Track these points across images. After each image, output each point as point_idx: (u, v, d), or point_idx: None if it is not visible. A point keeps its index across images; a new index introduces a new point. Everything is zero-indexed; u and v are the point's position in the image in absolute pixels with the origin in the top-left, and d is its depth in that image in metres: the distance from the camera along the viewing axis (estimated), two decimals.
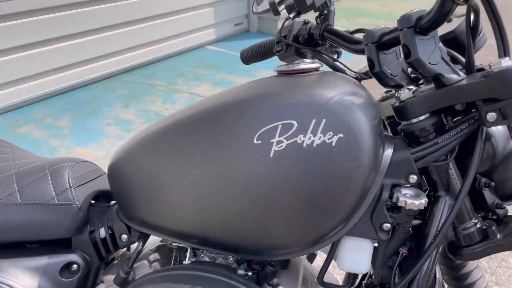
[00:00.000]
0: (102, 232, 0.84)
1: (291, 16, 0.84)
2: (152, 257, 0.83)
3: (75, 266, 0.82)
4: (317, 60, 0.80)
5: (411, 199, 0.68)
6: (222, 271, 0.72)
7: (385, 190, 0.69)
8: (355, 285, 0.81)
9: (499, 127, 0.74)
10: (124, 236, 0.83)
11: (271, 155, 0.63)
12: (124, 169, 0.78)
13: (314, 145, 0.62)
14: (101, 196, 0.89)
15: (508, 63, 0.62)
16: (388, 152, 0.69)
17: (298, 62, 0.75)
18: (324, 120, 0.62)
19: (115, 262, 0.88)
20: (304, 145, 0.62)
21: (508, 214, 0.75)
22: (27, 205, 0.80)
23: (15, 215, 0.79)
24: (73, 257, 0.82)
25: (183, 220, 0.73)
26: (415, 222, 0.74)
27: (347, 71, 0.86)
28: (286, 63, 0.77)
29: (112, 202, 0.89)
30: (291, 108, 0.63)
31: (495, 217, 0.75)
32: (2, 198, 0.80)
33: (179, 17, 4.11)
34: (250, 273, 0.77)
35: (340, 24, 5.33)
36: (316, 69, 0.73)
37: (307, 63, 0.73)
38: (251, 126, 0.64)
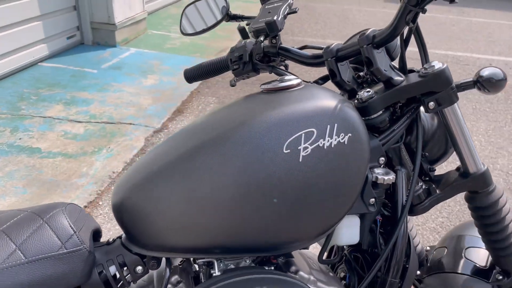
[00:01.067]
0: (113, 270, 0.82)
1: (261, 39, 0.94)
2: (174, 279, 0.85)
3: None
4: (294, 76, 0.92)
5: (387, 176, 0.87)
6: (262, 271, 0.81)
7: (369, 172, 0.87)
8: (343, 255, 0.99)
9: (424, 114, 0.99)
10: (139, 268, 0.83)
11: (300, 160, 0.74)
12: (136, 200, 0.78)
13: (332, 146, 0.76)
14: (94, 237, 0.86)
15: (439, 66, 0.86)
16: None
17: (280, 80, 0.87)
18: (336, 124, 0.76)
19: None
20: (325, 147, 0.75)
21: (435, 174, 1.01)
22: (35, 261, 0.73)
23: (22, 276, 0.72)
24: None
25: (211, 234, 0.78)
26: None
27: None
28: (268, 82, 0.88)
29: (111, 239, 0.87)
30: (307, 118, 0.76)
31: (427, 178, 1.00)
32: (3, 260, 0.72)
33: (2, 35, 3.64)
34: (272, 268, 0.86)
35: (174, 30, 5.45)
36: (299, 84, 0.86)
37: (291, 80, 0.86)
38: (278, 139, 0.74)
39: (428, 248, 1.22)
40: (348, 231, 0.90)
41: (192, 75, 1.15)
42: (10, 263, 0.72)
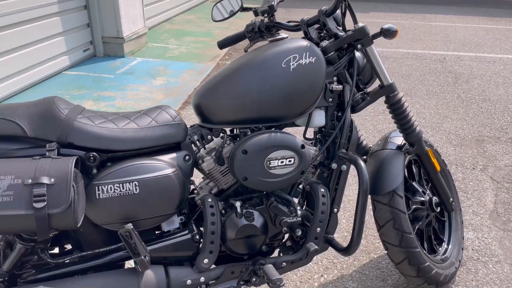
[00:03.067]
0: (195, 138, 1.56)
1: (265, 16, 1.70)
2: (228, 141, 1.58)
3: (187, 157, 1.51)
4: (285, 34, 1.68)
5: (337, 86, 1.63)
6: (273, 129, 1.55)
7: (328, 85, 1.62)
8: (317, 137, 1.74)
9: (357, 54, 1.75)
10: (209, 136, 1.57)
11: (291, 70, 1.50)
12: (207, 97, 1.52)
13: (307, 63, 1.51)
14: None
15: (361, 25, 1.63)
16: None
17: (277, 35, 1.63)
18: (308, 52, 1.52)
19: (199, 155, 1.59)
20: (303, 63, 1.51)
21: (368, 90, 1.77)
22: (162, 125, 1.46)
23: (156, 132, 1.45)
24: (185, 152, 1.52)
25: (247, 112, 1.51)
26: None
27: None
28: (272, 37, 1.63)
29: (191, 124, 1.60)
30: (293, 49, 1.51)
31: (363, 92, 1.76)
32: (147, 124, 1.45)
33: (35, 48, 4.36)
34: None
35: (171, 42, 6.22)
36: (287, 37, 1.62)
37: (282, 35, 1.62)
38: (279, 60, 1.49)
39: (371, 145, 1.98)
40: (319, 118, 1.66)
41: (223, 44, 1.90)
42: (149, 126, 1.45)
